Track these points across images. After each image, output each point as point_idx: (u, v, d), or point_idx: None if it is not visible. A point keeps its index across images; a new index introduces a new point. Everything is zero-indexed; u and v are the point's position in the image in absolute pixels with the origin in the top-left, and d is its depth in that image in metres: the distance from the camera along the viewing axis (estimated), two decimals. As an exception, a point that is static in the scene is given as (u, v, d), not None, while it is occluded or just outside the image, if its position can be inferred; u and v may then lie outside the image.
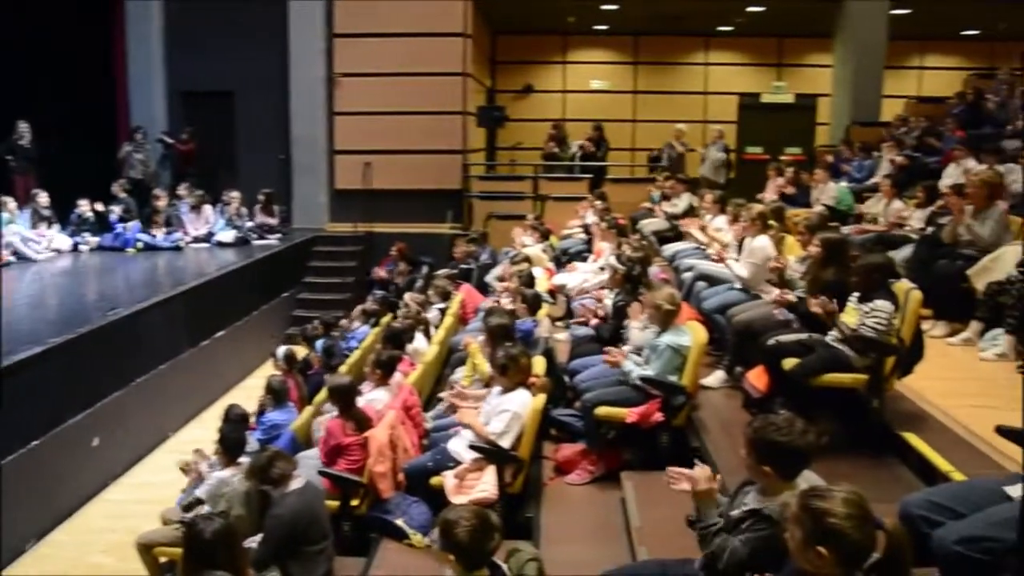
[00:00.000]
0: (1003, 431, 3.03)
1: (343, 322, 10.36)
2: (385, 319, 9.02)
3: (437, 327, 7.93)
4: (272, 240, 13.25)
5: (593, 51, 19.18)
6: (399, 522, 4.82)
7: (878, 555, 2.33)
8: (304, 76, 13.97)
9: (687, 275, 7.41)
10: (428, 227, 13.57)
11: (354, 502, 4.99)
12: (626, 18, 17.10)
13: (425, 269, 12.38)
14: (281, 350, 8.24)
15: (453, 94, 13.98)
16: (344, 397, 5.29)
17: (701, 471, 3.09)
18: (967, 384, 5.36)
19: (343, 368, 7.59)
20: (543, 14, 16.85)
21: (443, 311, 8.46)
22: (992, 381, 5.27)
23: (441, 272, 10.48)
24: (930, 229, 7.36)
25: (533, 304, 6.71)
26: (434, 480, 4.91)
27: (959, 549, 2.67)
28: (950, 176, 8.62)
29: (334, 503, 4.91)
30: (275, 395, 7.11)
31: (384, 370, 5.93)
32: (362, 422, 5.17)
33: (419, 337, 7.53)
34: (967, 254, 6.52)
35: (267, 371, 8.48)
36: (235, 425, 5.73)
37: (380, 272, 12.75)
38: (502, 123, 16.24)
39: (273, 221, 13.50)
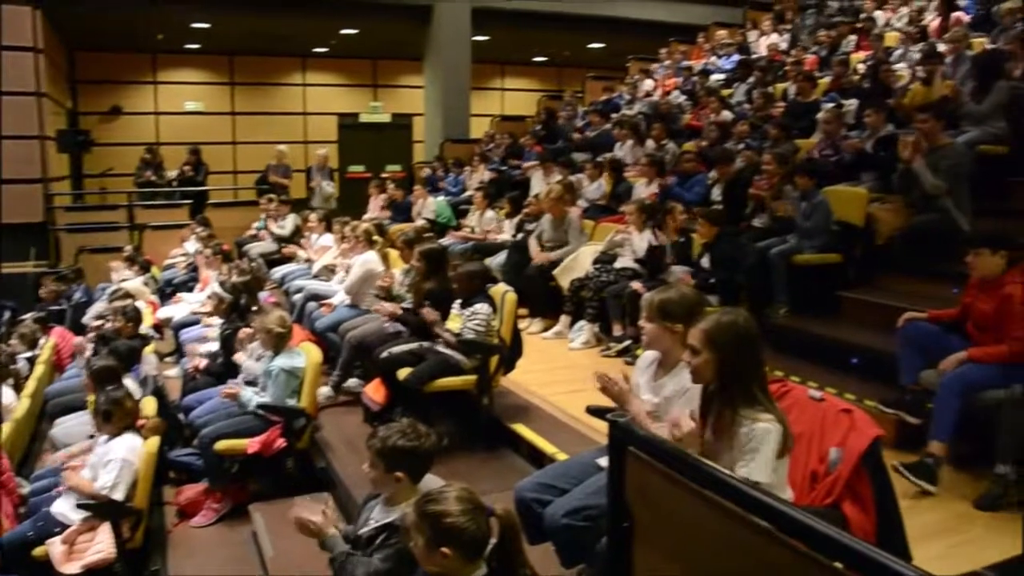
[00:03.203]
0: (591, 410, 3.42)
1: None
2: (-39, 376, 7.91)
3: (27, 378, 7.11)
4: None
5: (186, 71, 18.34)
6: (-4, 607, 4.27)
7: (495, 540, 2.51)
8: None
9: (298, 296, 7.40)
10: (7, 267, 12.04)
11: (-66, 597, 4.33)
12: (219, 37, 16.58)
13: (7, 315, 11.04)
14: None
15: (27, 116, 12.50)
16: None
17: (305, 517, 3.02)
18: (561, 372, 5.99)
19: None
20: (126, 30, 15.75)
21: (32, 360, 7.62)
22: (581, 367, 5.91)
23: (27, 316, 9.42)
24: (519, 236, 8.08)
25: (127, 356, 6.04)
26: (38, 551, 4.38)
27: (566, 521, 2.97)
28: (536, 187, 9.51)
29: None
30: None
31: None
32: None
33: (7, 391, 6.70)
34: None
35: None
36: None
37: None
38: (87, 148, 15.07)
39: None
